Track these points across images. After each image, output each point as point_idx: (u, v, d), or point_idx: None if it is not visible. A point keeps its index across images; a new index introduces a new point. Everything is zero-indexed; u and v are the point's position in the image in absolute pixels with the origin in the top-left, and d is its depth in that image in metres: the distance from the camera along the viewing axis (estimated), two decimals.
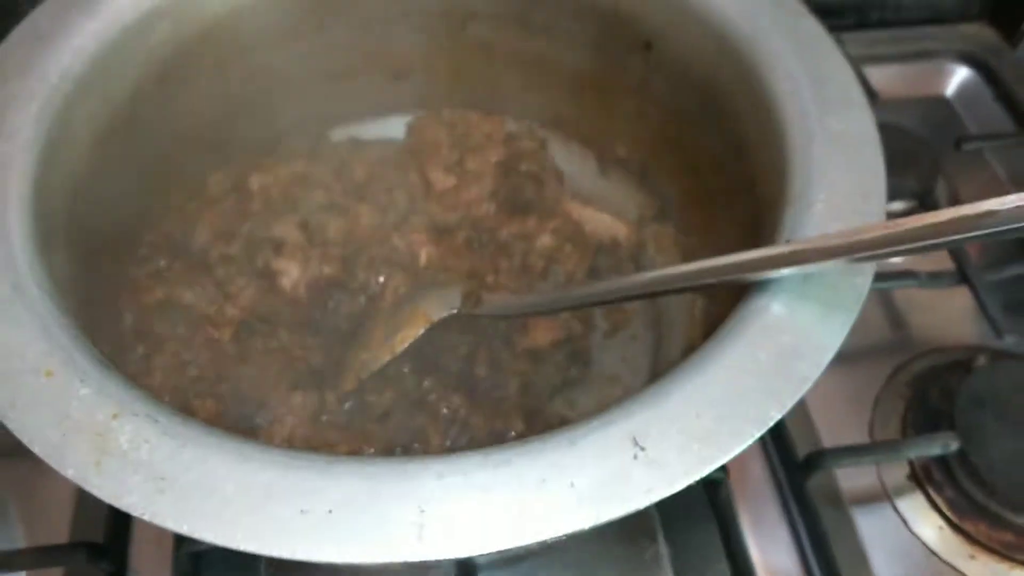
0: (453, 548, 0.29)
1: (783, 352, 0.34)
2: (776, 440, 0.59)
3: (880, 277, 0.61)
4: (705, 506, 0.56)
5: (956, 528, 0.56)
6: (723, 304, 0.53)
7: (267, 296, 0.50)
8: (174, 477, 0.30)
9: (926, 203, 0.71)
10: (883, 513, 0.58)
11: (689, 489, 0.31)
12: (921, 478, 0.59)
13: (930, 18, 0.91)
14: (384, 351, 0.47)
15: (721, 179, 0.52)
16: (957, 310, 0.68)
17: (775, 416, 0.32)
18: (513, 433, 0.48)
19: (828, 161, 0.41)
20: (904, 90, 0.85)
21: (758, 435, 0.32)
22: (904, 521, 0.58)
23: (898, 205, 0.71)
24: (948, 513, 0.57)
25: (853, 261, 0.33)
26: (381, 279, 0.52)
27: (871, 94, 0.69)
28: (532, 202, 0.60)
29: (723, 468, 0.54)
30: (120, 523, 0.54)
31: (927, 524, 0.57)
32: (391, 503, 0.30)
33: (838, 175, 0.41)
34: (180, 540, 0.52)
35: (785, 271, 0.36)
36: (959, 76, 0.87)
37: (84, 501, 0.56)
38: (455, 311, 0.48)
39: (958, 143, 0.77)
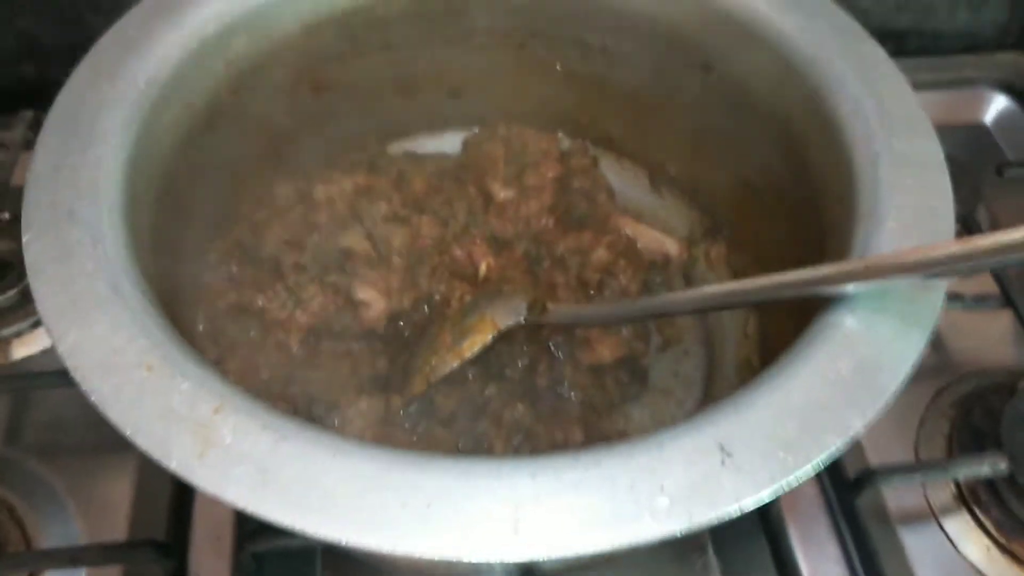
0: (548, 547, 0.30)
1: (863, 364, 0.35)
2: None
3: None
4: (755, 521, 0.56)
5: (1003, 549, 0.57)
6: (777, 323, 0.55)
7: (337, 305, 0.52)
8: (277, 470, 0.31)
9: (969, 228, 0.72)
10: (930, 533, 0.58)
11: None
12: (968, 498, 0.59)
13: (967, 46, 0.93)
14: (453, 356, 0.48)
15: (779, 198, 0.53)
16: (1000, 333, 0.69)
17: (858, 426, 0.33)
18: (573, 443, 0.49)
19: (896, 181, 0.42)
20: (943, 117, 0.86)
21: (841, 444, 0.33)
22: (951, 541, 0.58)
23: None
24: (995, 534, 0.57)
25: (928, 277, 0.34)
26: (443, 288, 0.53)
27: None
28: (586, 217, 0.61)
29: None
30: (181, 522, 0.55)
31: (974, 544, 0.57)
32: (487, 499, 0.31)
33: (907, 195, 0.42)
34: (241, 540, 0.53)
35: (861, 286, 0.37)
36: (997, 104, 0.89)
37: (143, 500, 0.57)
38: (522, 319, 0.49)
39: (999, 170, 0.78)
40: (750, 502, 0.31)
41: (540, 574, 0.48)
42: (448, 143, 0.67)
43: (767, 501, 0.32)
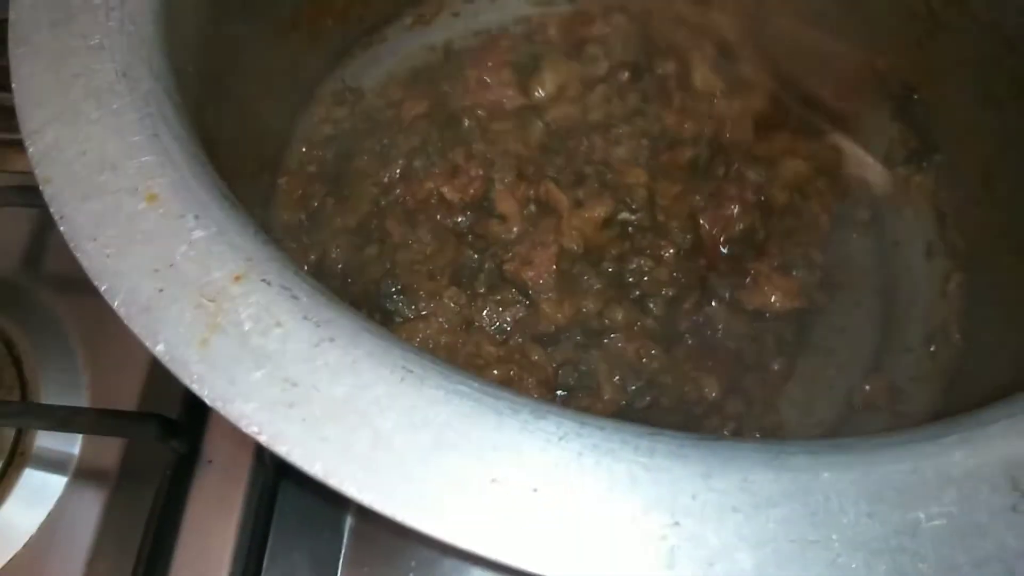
0: None
1: None
2: None
3: None
4: None
5: None
6: (998, 281, 0.41)
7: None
8: (312, 386, 0.20)
9: None
10: None
11: None
12: None
13: None
14: None
15: None
16: None
17: None
18: (705, 399, 0.37)
19: None
20: None
21: None
22: None
23: None
24: None
25: None
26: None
27: None
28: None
29: None
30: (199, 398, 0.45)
31: None
32: (636, 504, 0.19)
33: None
34: None
35: None
36: None
37: (163, 366, 0.47)
38: None
39: None
40: None
41: None
42: None
43: None
